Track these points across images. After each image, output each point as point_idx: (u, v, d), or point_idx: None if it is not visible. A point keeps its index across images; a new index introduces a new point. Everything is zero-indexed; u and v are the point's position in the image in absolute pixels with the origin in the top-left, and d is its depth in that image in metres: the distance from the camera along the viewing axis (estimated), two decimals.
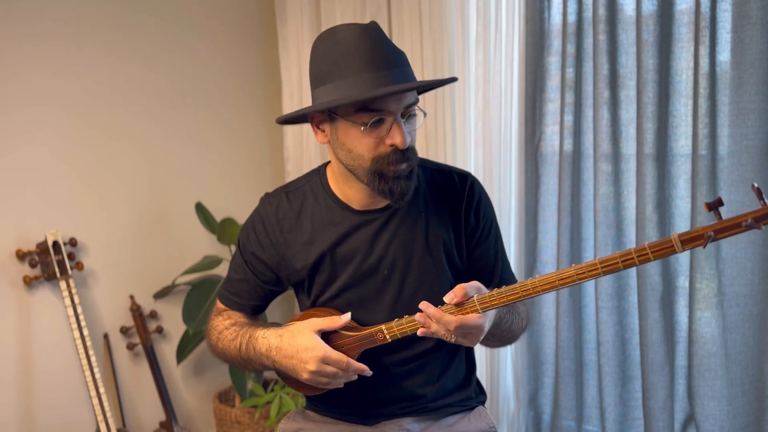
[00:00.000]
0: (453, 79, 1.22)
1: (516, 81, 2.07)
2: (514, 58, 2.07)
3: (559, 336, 2.03)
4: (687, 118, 1.76)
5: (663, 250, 0.99)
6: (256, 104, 2.70)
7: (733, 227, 0.97)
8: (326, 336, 1.23)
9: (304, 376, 1.17)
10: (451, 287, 1.27)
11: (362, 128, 1.15)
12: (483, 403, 1.44)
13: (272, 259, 1.33)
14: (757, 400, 1.72)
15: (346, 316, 1.21)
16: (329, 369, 1.16)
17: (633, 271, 1.87)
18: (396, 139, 1.15)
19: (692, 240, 0.99)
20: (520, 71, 2.05)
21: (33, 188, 2.11)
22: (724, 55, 1.66)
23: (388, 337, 1.18)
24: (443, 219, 1.29)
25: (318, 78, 1.19)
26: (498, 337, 1.26)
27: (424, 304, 1.12)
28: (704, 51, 1.66)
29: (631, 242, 1.88)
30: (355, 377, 1.20)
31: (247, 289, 1.37)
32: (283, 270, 1.33)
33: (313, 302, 1.33)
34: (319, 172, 1.34)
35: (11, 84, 2.06)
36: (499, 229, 1.36)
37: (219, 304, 1.42)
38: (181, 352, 2.33)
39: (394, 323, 1.18)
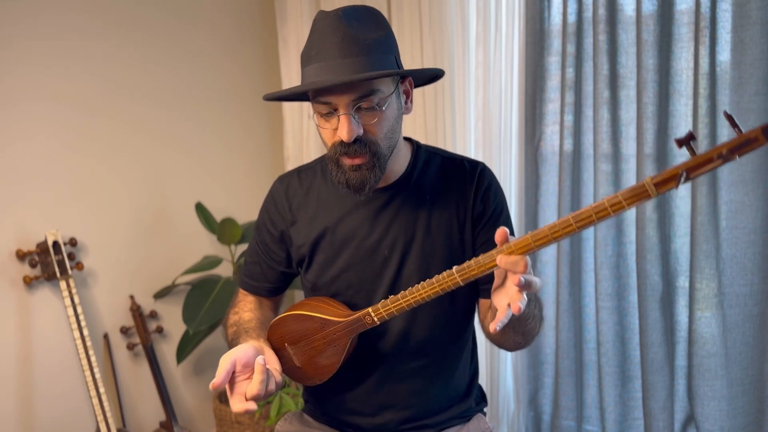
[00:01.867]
0: (394, 73, 1.14)
1: (516, 81, 2.07)
2: (514, 58, 2.07)
3: (559, 336, 2.03)
4: (687, 118, 1.76)
5: (637, 196, 0.91)
6: (256, 104, 2.70)
7: (706, 162, 0.86)
8: (315, 326, 1.22)
9: None
10: None
11: (315, 117, 1.18)
12: (483, 410, 1.42)
13: (283, 235, 1.34)
14: (757, 400, 1.72)
15: (260, 359, 1.10)
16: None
17: (633, 271, 1.87)
18: (341, 131, 1.14)
19: (665, 182, 0.89)
20: (520, 71, 2.05)
21: (33, 188, 2.11)
22: (724, 55, 1.66)
23: (376, 319, 1.16)
24: (449, 204, 1.28)
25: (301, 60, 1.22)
26: (522, 328, 1.19)
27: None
28: (704, 51, 1.66)
29: (631, 242, 1.88)
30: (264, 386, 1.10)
31: (260, 271, 1.39)
32: (293, 248, 1.35)
33: (313, 284, 1.33)
34: None
35: (11, 83, 2.05)
36: (510, 219, 1.33)
37: (239, 290, 1.44)
38: (181, 352, 2.33)
39: (380, 305, 1.15)
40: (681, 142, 0.88)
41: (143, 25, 2.35)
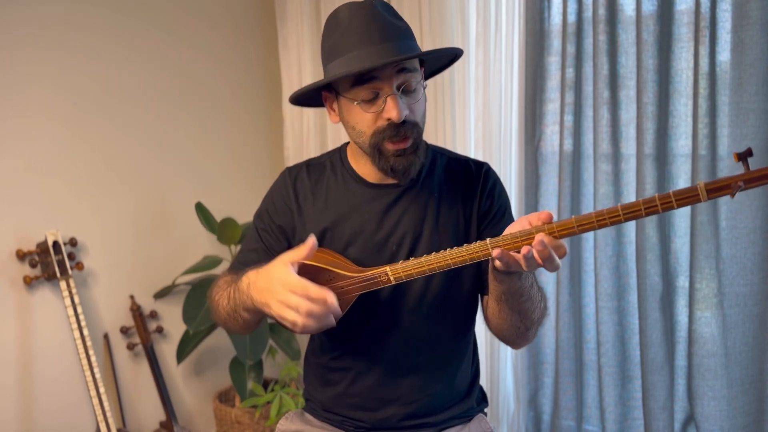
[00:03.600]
0: (452, 50, 1.19)
1: (516, 81, 2.07)
2: (514, 58, 2.07)
3: (559, 336, 2.03)
4: (687, 118, 1.76)
5: (687, 198, 0.94)
6: (256, 104, 2.70)
7: (764, 177, 0.90)
8: (323, 279, 1.18)
9: (272, 306, 1.10)
10: (460, 270, 1.24)
11: (355, 103, 1.17)
12: (484, 411, 1.42)
13: (287, 225, 1.33)
14: (757, 400, 1.72)
15: (311, 239, 1.13)
16: (293, 299, 1.07)
17: (633, 271, 1.87)
18: (391, 112, 1.14)
19: (718, 189, 0.92)
20: (520, 71, 2.05)
21: (33, 188, 2.11)
22: (724, 55, 1.66)
23: (392, 279, 1.14)
24: (456, 203, 1.29)
25: (324, 57, 1.22)
26: (517, 306, 1.17)
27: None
28: (704, 51, 1.67)
29: (631, 242, 1.88)
30: (331, 321, 1.10)
31: (256, 258, 1.34)
32: (295, 240, 1.33)
33: None
34: (340, 148, 1.35)
35: (11, 84, 2.05)
36: (513, 218, 1.33)
37: (227, 276, 1.37)
38: (181, 352, 2.33)
39: (399, 265, 1.13)
40: (740, 157, 0.92)
41: (143, 26, 2.35)
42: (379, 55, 1.13)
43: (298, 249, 1.14)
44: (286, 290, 1.08)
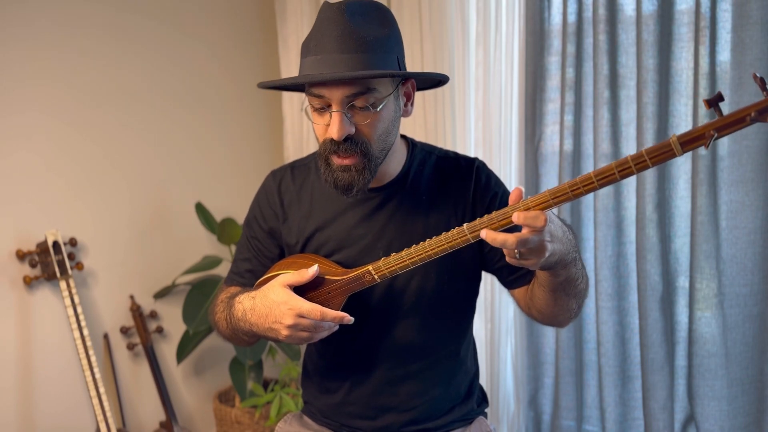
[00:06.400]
0: (390, 74, 1.10)
1: (516, 81, 2.07)
2: (514, 58, 2.07)
3: (559, 336, 2.03)
4: (687, 118, 1.76)
5: (662, 155, 0.90)
6: (256, 104, 2.70)
7: (737, 122, 0.86)
8: (310, 285, 1.18)
9: (283, 333, 1.12)
10: (452, 273, 1.25)
11: (309, 110, 1.16)
12: (484, 411, 1.41)
13: (275, 231, 1.32)
14: (757, 400, 1.72)
15: (313, 269, 1.15)
16: (306, 322, 1.10)
17: (633, 271, 1.87)
18: (331, 129, 1.12)
19: (692, 141, 0.88)
20: (520, 71, 2.05)
21: (33, 188, 2.11)
22: (724, 55, 1.66)
23: (376, 277, 1.12)
24: (446, 204, 1.26)
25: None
26: (573, 290, 1.16)
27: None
28: (704, 51, 1.67)
29: (631, 242, 1.88)
30: (337, 327, 1.14)
31: (249, 268, 1.35)
32: (284, 244, 1.33)
33: None
34: None
35: (10, 84, 2.05)
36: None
37: (223, 288, 1.39)
38: (181, 352, 2.33)
39: (381, 262, 1.11)
40: (710, 103, 0.88)
41: (143, 25, 2.35)
42: (326, 66, 1.09)
43: (298, 273, 1.15)
44: (296, 316, 1.10)
